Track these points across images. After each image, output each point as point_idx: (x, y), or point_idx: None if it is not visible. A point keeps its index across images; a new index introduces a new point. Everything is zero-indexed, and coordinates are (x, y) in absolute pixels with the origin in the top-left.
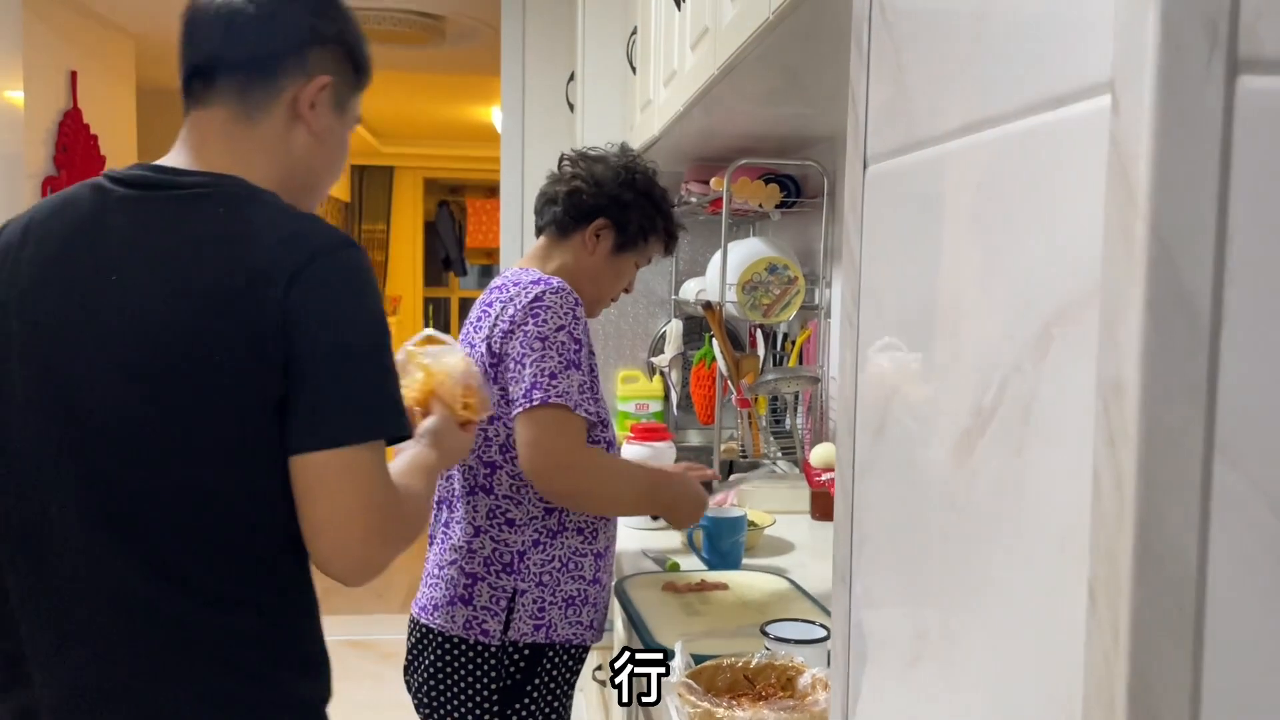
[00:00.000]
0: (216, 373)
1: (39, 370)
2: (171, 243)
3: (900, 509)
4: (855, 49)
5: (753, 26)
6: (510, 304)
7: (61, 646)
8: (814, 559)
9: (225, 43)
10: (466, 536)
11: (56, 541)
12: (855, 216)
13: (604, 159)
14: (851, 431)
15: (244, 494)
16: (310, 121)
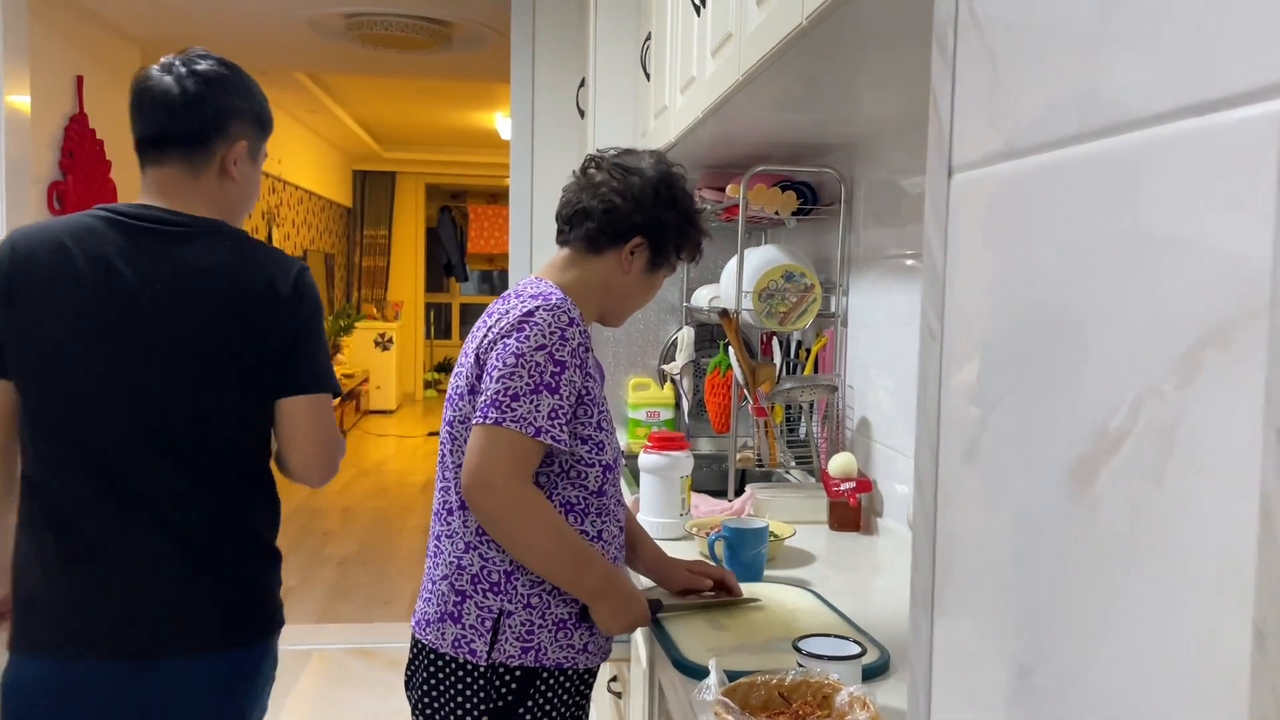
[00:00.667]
0: (241, 350)
1: (130, 333)
2: (195, 262)
3: (997, 536)
4: (938, 52)
5: (783, 32)
6: (506, 316)
7: (127, 533)
8: (835, 570)
9: (169, 122)
10: (458, 552)
11: (129, 462)
12: (938, 227)
13: (639, 170)
14: (934, 453)
15: (258, 418)
16: (234, 175)
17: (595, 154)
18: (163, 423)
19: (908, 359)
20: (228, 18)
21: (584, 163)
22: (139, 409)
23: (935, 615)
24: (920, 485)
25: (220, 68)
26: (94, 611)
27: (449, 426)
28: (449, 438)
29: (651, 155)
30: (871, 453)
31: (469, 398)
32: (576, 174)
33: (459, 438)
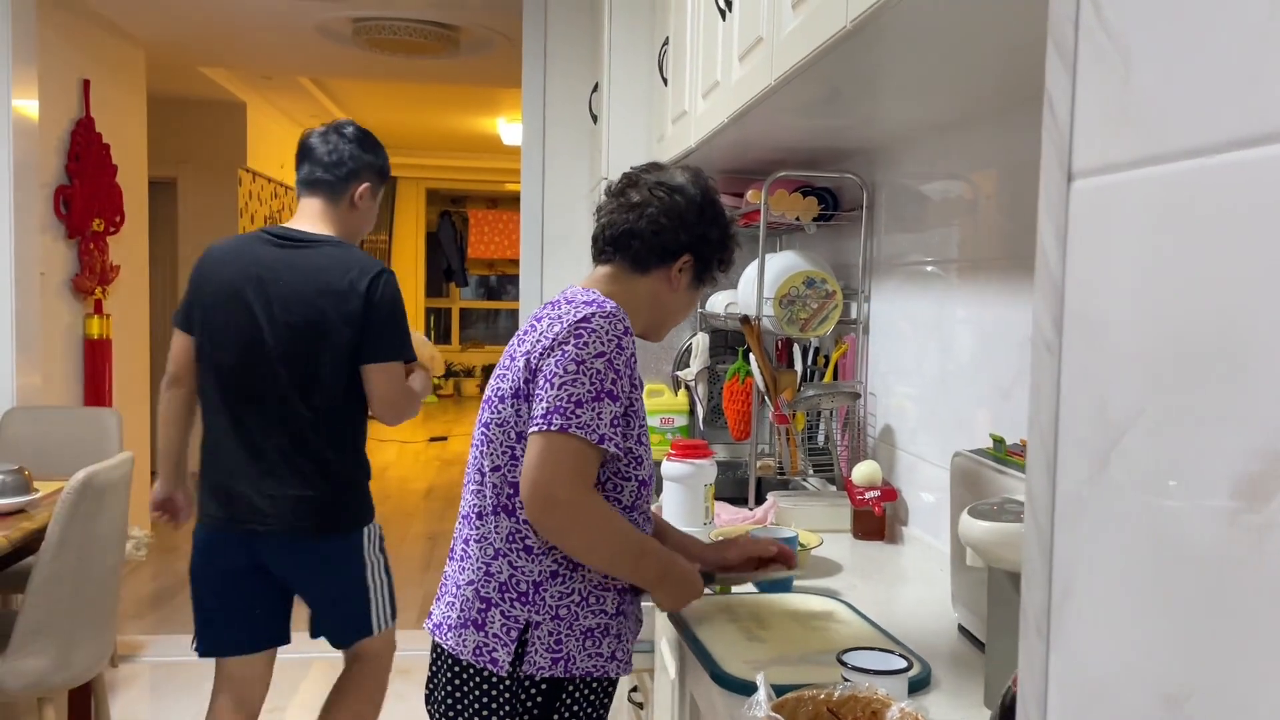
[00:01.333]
0: (338, 327)
1: (266, 319)
2: (309, 265)
3: (1134, 559)
4: (1054, 53)
5: (824, 36)
6: (558, 321)
7: (268, 469)
8: (863, 580)
9: (321, 169)
10: (485, 558)
11: (274, 395)
12: (1056, 235)
13: (683, 190)
14: (1049, 471)
15: (346, 378)
16: (359, 207)
17: (631, 173)
18: (289, 371)
19: (932, 366)
20: (235, 22)
21: (621, 182)
22: (277, 360)
23: (1052, 641)
24: (1033, 504)
25: (358, 133)
26: (231, 502)
27: (484, 429)
28: (484, 439)
29: (686, 172)
30: (895, 460)
31: (511, 402)
32: (611, 194)
33: (495, 440)
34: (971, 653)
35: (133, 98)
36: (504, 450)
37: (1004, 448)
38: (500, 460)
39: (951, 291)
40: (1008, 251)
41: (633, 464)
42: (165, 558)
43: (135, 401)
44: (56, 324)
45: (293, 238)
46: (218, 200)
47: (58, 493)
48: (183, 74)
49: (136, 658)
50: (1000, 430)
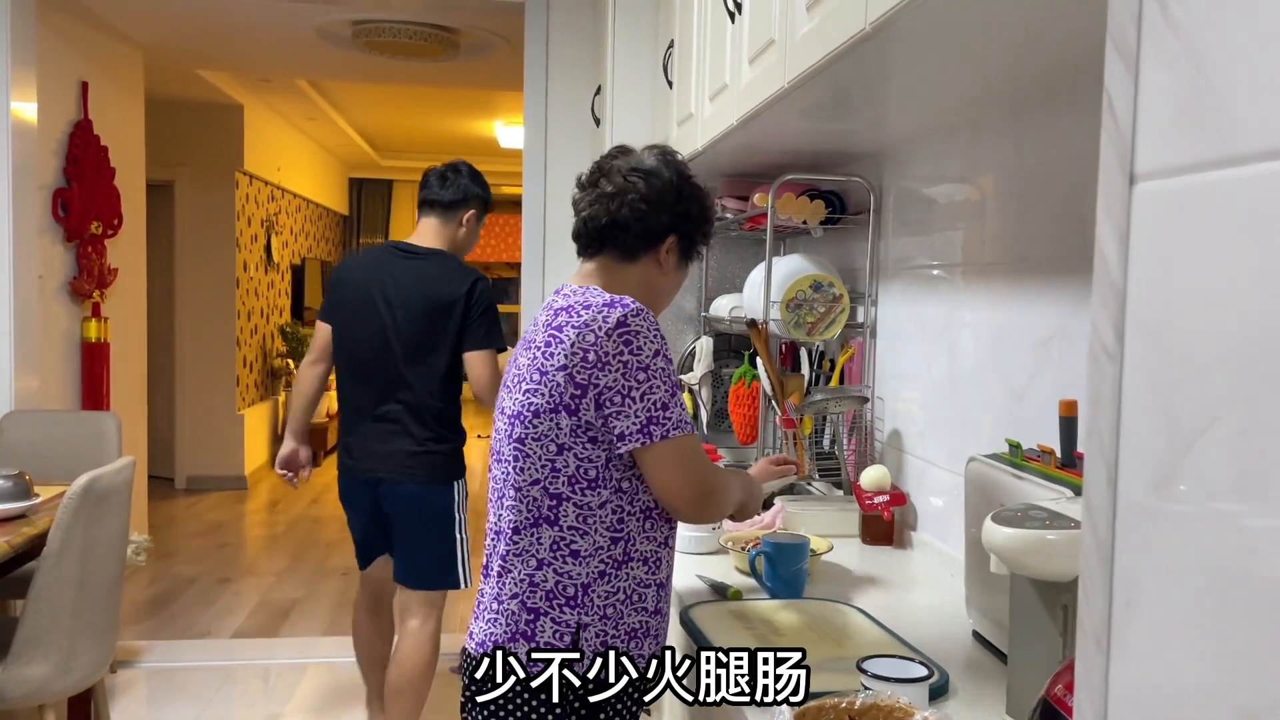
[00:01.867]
0: (444, 322)
1: (388, 311)
2: (424, 273)
3: (1204, 570)
4: (1115, 53)
5: (841, 39)
6: (588, 330)
7: (386, 430)
8: (874, 585)
9: (439, 195)
10: (529, 570)
11: (393, 373)
12: (1117, 238)
13: (656, 172)
14: (1110, 481)
15: (451, 362)
16: (467, 228)
17: (600, 163)
18: (405, 355)
19: (940, 369)
20: (235, 25)
21: (592, 174)
22: (395, 346)
23: (1113, 654)
24: (1092, 514)
25: (470, 170)
26: (359, 454)
27: (518, 444)
28: (518, 454)
29: (655, 152)
30: (903, 465)
31: (549, 417)
32: (584, 185)
33: (532, 455)
34: (988, 659)
35: (131, 100)
36: (544, 464)
37: (1020, 452)
38: (540, 474)
39: (960, 295)
40: (1019, 255)
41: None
42: (163, 562)
43: (133, 405)
44: (54, 327)
45: (412, 250)
46: (215, 203)
47: (59, 497)
48: (180, 76)
49: (135, 663)
50: (1014, 434)
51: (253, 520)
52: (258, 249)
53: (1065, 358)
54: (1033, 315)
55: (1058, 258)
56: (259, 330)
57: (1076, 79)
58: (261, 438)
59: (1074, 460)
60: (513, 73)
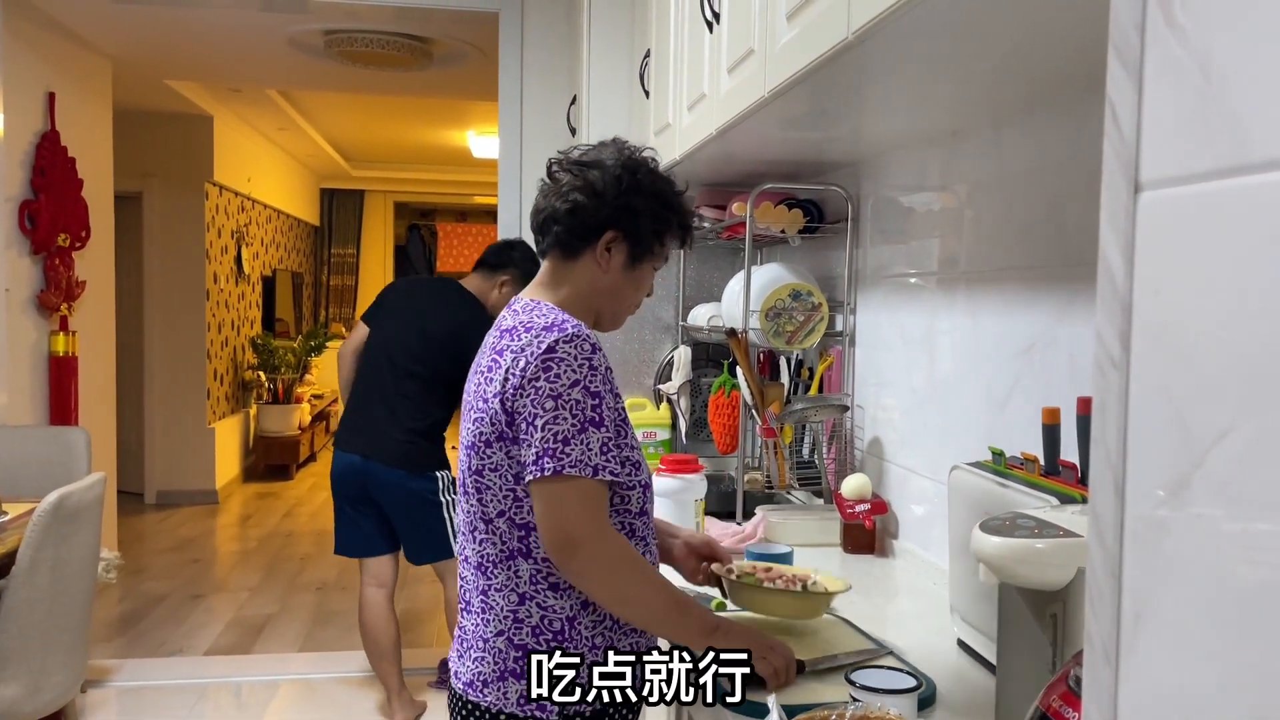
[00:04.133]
0: (444, 344)
1: (418, 330)
2: (448, 303)
3: (1220, 583)
4: (1117, 61)
5: (823, 48)
6: (522, 354)
7: (388, 418)
8: (855, 594)
9: (487, 257)
10: (511, 605)
11: (405, 373)
12: (1121, 248)
13: (599, 163)
14: (1117, 492)
15: (446, 382)
16: (499, 292)
17: (558, 155)
18: (420, 356)
19: (920, 378)
20: (206, 35)
21: (547, 168)
22: (414, 355)
23: (1121, 669)
24: (1099, 527)
25: (521, 245)
26: (352, 432)
27: (477, 476)
28: (479, 487)
29: (613, 144)
30: (884, 473)
31: (498, 445)
32: (544, 180)
33: (492, 486)
34: (974, 668)
35: (99, 111)
36: (505, 494)
37: (1004, 460)
38: (504, 505)
39: (940, 303)
40: (1000, 263)
41: (633, 470)
42: (133, 579)
43: (102, 419)
44: (21, 341)
45: (443, 287)
46: (184, 214)
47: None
48: (149, 87)
49: (105, 683)
50: (996, 442)
51: (224, 535)
52: (228, 260)
53: (1047, 365)
54: (1014, 323)
55: (1039, 266)
56: (229, 343)
57: (1059, 87)
58: (232, 451)
59: (1058, 468)
60: (486, 82)
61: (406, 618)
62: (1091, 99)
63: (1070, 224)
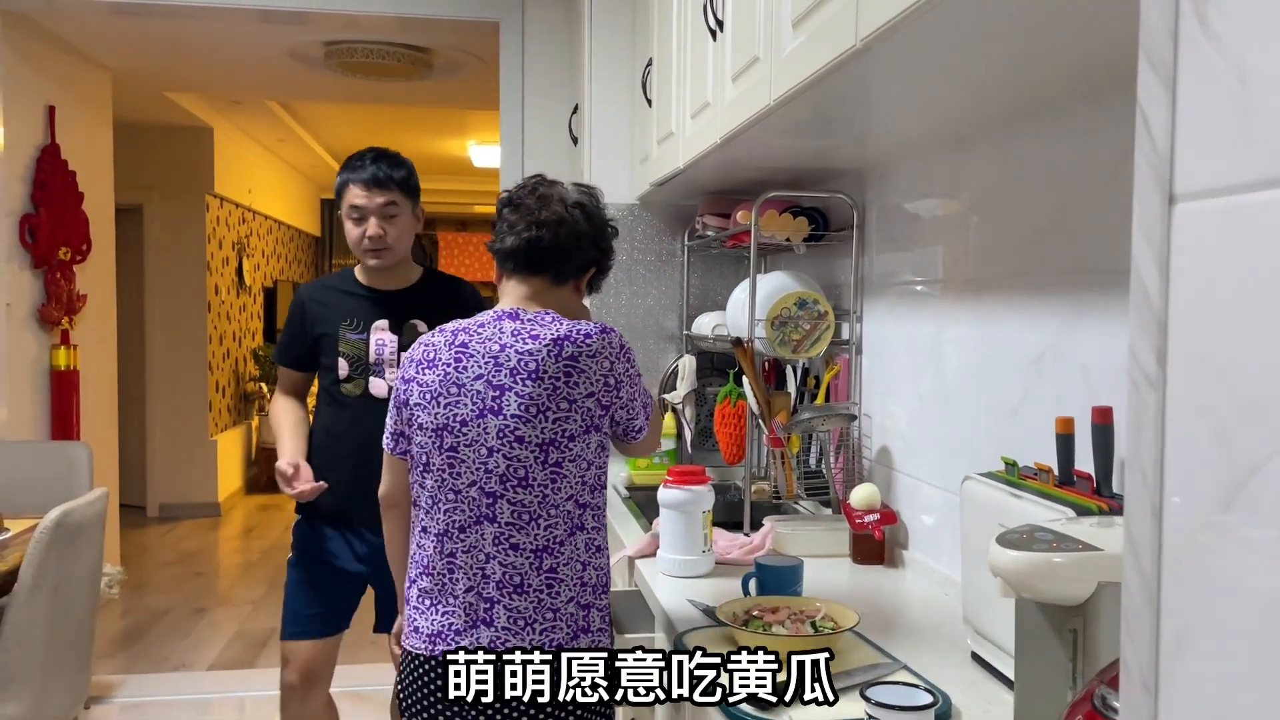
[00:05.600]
0: None
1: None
2: None
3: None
4: (1148, 70)
5: (830, 55)
6: (600, 358)
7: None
8: (865, 605)
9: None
10: (576, 573)
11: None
12: (1156, 261)
13: (590, 209)
14: (1155, 514)
15: None
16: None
17: (537, 191)
18: None
19: (929, 386)
20: (207, 48)
21: (525, 198)
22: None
23: (1161, 696)
24: (1135, 549)
25: None
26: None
27: (553, 468)
28: (550, 478)
29: (580, 188)
30: (892, 482)
31: (582, 439)
32: (515, 208)
33: (566, 476)
34: (988, 682)
35: (99, 124)
36: (577, 480)
37: (1017, 471)
38: (574, 489)
39: (948, 311)
40: (1009, 270)
41: None
42: (136, 593)
43: (103, 433)
44: (22, 356)
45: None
46: (185, 226)
47: (29, 531)
48: (149, 99)
49: (108, 699)
50: (1006, 451)
51: (227, 548)
52: (229, 272)
53: (1058, 374)
54: (1024, 331)
55: (1049, 274)
56: (231, 354)
57: (1067, 93)
58: (235, 463)
59: (1073, 478)
60: (487, 92)
61: None
62: (1101, 105)
63: (1080, 231)
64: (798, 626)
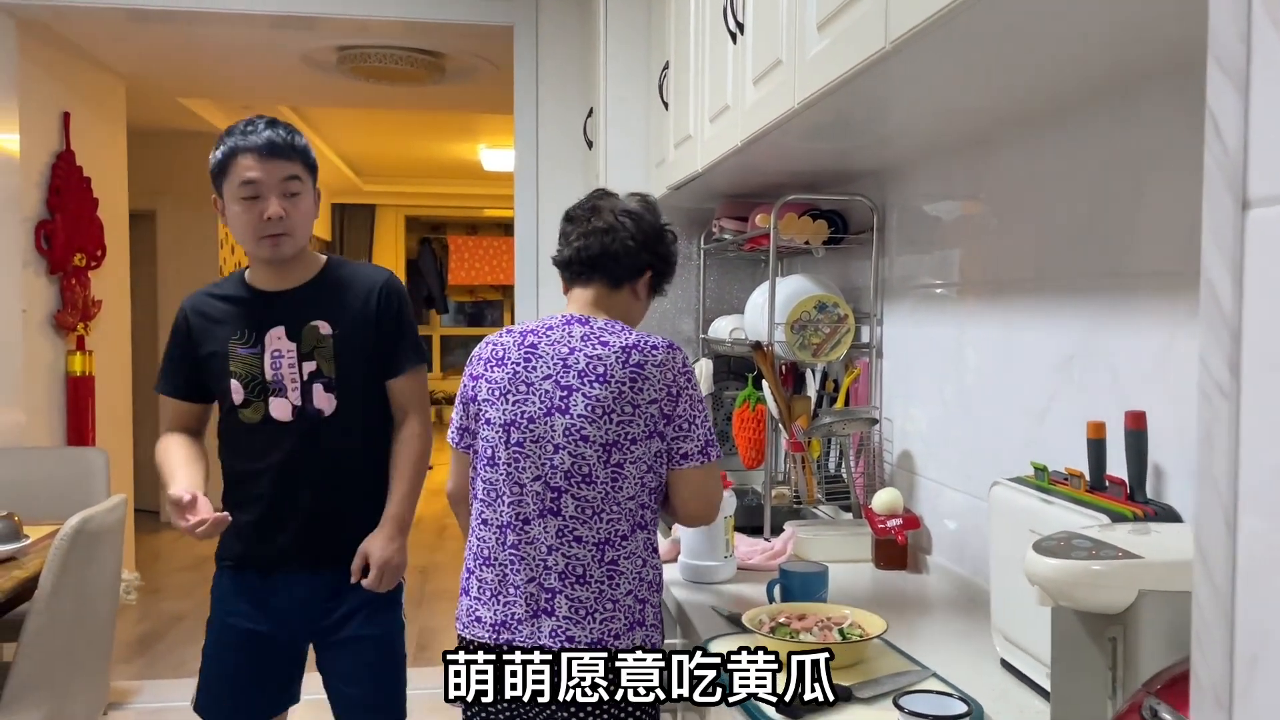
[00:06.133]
0: None
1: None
2: None
3: None
4: (1218, 71)
5: (858, 58)
6: (665, 369)
7: None
8: (889, 611)
9: None
10: (637, 568)
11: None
12: (1229, 269)
13: (641, 215)
14: (1229, 527)
15: None
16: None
17: (592, 203)
18: None
19: (951, 390)
20: (219, 54)
21: (581, 211)
22: None
23: (1236, 715)
24: (1207, 562)
25: None
26: None
27: (615, 468)
28: (615, 477)
29: (636, 197)
30: (915, 487)
31: (645, 443)
32: (573, 221)
33: (628, 477)
34: (1019, 690)
35: (113, 130)
36: (637, 481)
37: (1047, 476)
38: (635, 490)
39: (970, 313)
40: (1035, 273)
41: None
42: (151, 598)
43: (118, 438)
44: (38, 362)
45: None
46: (197, 232)
47: (48, 538)
48: (161, 105)
49: (126, 704)
50: (1033, 455)
51: None
52: None
53: (1087, 378)
54: (1051, 335)
55: (1076, 276)
56: None
57: (1096, 92)
58: None
59: (1104, 483)
60: (499, 95)
61: None
62: (1130, 106)
63: (1109, 232)
64: (825, 633)
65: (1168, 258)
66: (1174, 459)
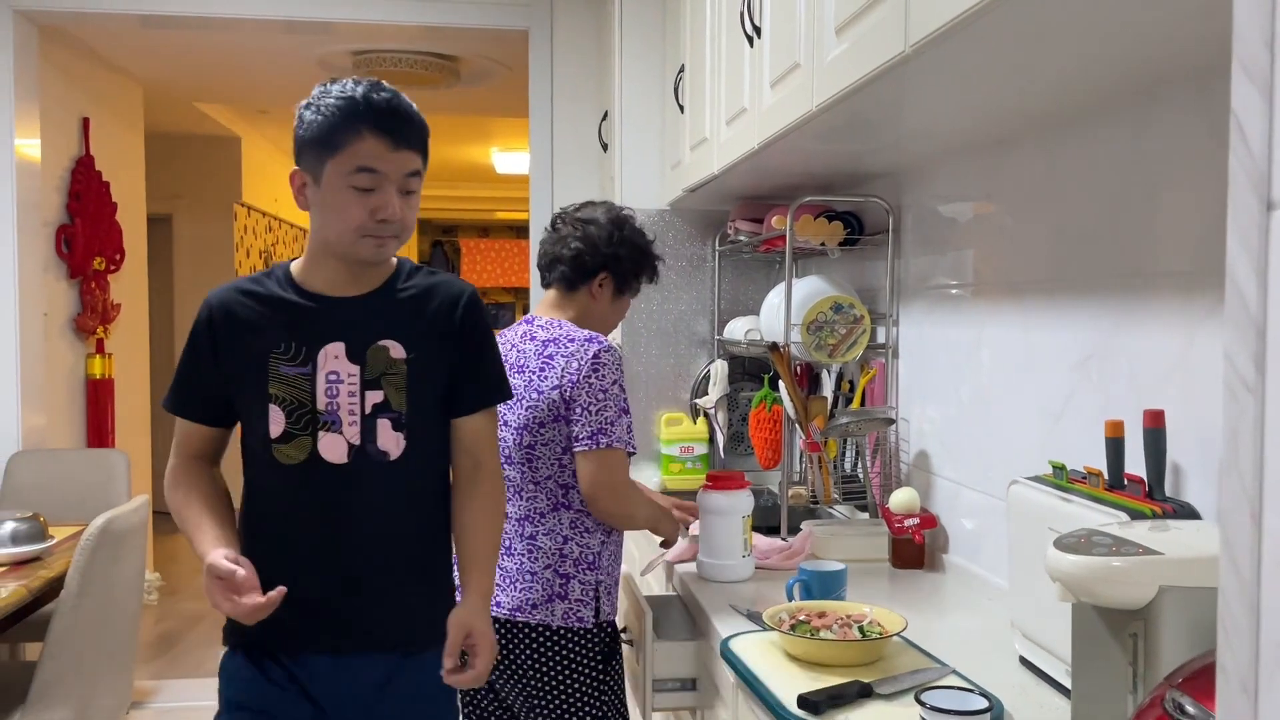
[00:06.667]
0: None
1: None
2: None
3: None
4: (1242, 75)
5: (877, 62)
6: (573, 359)
7: None
8: (907, 610)
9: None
10: (557, 545)
11: None
12: (1253, 268)
13: (595, 220)
14: (1255, 519)
15: None
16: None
17: (560, 212)
18: None
19: (968, 390)
20: (235, 58)
21: (552, 220)
22: None
23: (1261, 703)
24: (1233, 554)
25: None
26: None
27: (528, 450)
28: (527, 459)
29: (602, 206)
30: (931, 486)
31: (552, 426)
32: (547, 229)
33: (542, 457)
34: (1038, 686)
35: (131, 135)
36: (553, 462)
37: (1066, 475)
38: (552, 470)
39: (987, 314)
40: (1052, 273)
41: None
42: (170, 599)
43: (138, 440)
44: (59, 365)
45: None
46: (213, 235)
47: (73, 538)
48: (178, 110)
49: (146, 704)
50: (1051, 455)
51: None
52: None
53: (1105, 378)
54: (1069, 334)
55: (1094, 276)
56: None
57: (1114, 94)
58: None
59: (1123, 482)
60: (513, 99)
61: None
62: (1150, 107)
63: (1127, 233)
64: (845, 631)
65: (1185, 258)
66: (1192, 457)
